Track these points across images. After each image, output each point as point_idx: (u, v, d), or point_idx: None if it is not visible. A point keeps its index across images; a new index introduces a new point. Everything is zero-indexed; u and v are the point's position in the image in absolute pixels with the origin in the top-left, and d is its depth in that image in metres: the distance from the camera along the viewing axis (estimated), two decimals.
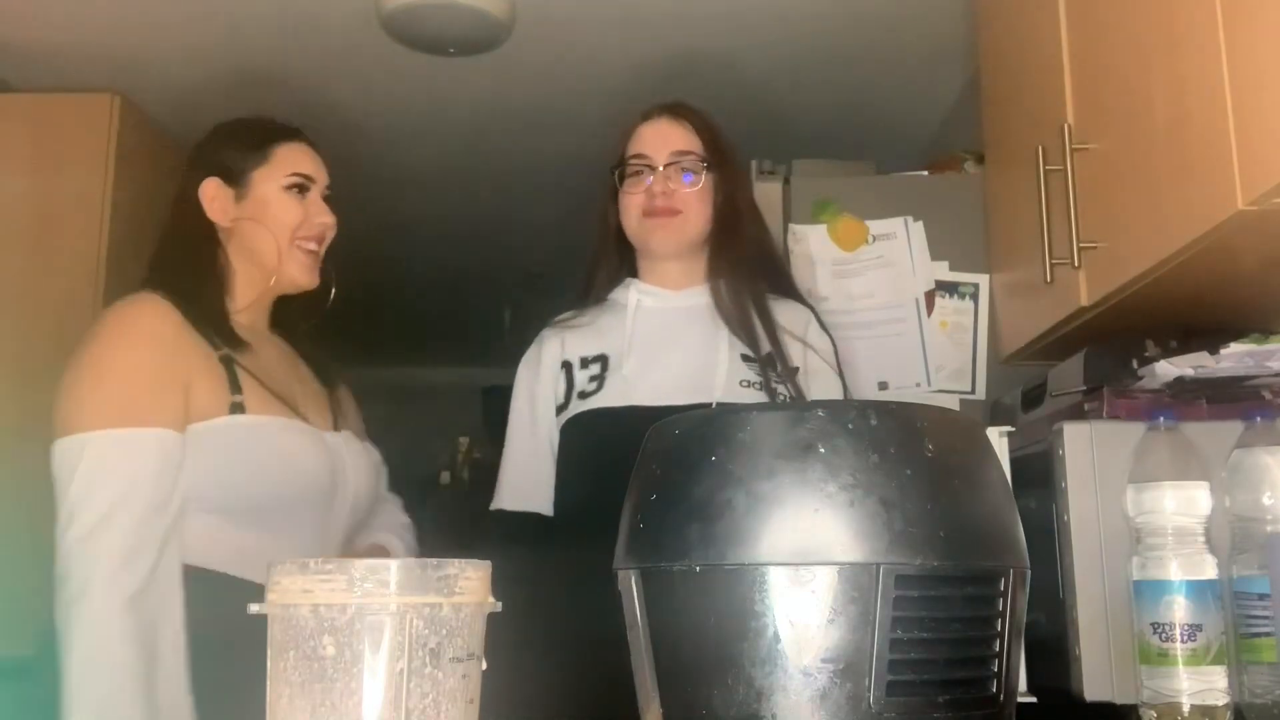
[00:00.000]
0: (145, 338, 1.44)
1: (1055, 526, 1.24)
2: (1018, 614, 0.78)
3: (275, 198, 1.56)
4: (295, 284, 1.59)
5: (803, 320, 1.69)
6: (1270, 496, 1.08)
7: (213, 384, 1.44)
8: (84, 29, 2.72)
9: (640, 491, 0.82)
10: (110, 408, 1.38)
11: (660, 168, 1.66)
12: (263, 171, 1.57)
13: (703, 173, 1.66)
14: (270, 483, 1.44)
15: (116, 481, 1.35)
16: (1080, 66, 1.49)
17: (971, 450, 0.80)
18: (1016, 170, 1.71)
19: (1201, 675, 1.05)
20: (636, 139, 1.70)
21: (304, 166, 1.59)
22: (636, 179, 1.67)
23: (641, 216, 1.66)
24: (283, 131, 1.62)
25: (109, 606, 1.30)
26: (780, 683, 0.71)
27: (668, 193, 1.65)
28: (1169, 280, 1.27)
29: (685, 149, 1.67)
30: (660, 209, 1.65)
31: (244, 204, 1.56)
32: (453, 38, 2.65)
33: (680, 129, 1.69)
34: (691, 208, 1.66)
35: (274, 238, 1.55)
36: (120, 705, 1.28)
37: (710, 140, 1.69)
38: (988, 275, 2.03)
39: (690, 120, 1.70)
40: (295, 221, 1.56)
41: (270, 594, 0.67)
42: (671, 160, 1.66)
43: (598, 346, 1.65)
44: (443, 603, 0.66)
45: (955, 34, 2.62)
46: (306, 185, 1.59)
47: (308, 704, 0.64)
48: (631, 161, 1.68)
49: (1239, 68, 1.04)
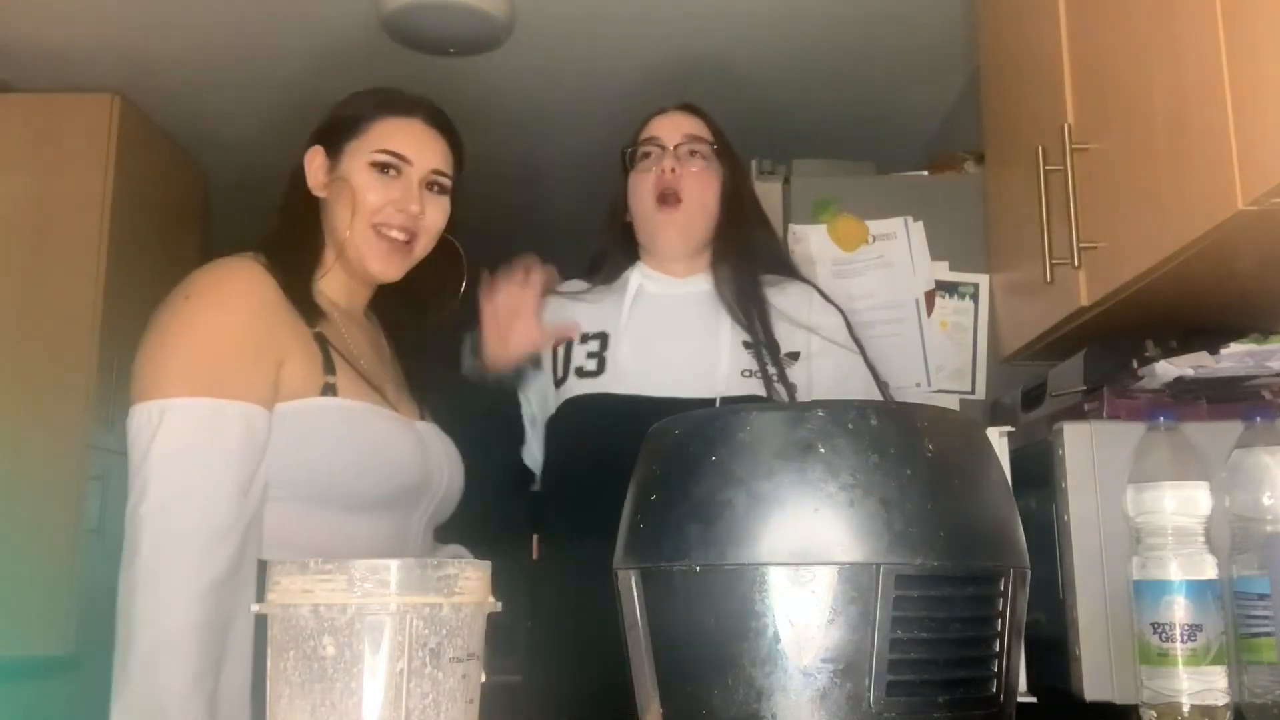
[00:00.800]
0: (240, 303, 1.33)
1: (1055, 526, 1.24)
2: (1018, 614, 0.78)
3: (358, 174, 1.42)
4: (368, 272, 1.44)
5: (805, 300, 1.69)
6: (1270, 496, 1.08)
7: (305, 361, 1.33)
8: (84, 29, 2.72)
9: (640, 491, 0.82)
10: (197, 375, 1.27)
11: (671, 148, 1.67)
12: (355, 144, 1.44)
13: (713, 158, 1.68)
14: (361, 472, 1.34)
15: (199, 455, 1.24)
16: (1080, 66, 1.49)
17: (971, 450, 0.81)
18: (1016, 170, 1.71)
19: (1201, 675, 1.05)
20: (649, 127, 1.72)
21: (400, 144, 1.44)
22: (647, 160, 1.69)
23: (654, 205, 1.66)
24: (397, 104, 1.47)
25: (185, 592, 1.19)
26: (780, 683, 0.71)
27: (679, 172, 1.65)
28: (1169, 280, 1.27)
29: (696, 134, 1.69)
30: (670, 192, 1.65)
31: (335, 176, 1.44)
32: (453, 38, 2.65)
33: (692, 119, 1.71)
34: (699, 192, 1.66)
35: (348, 216, 1.41)
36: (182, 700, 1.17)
37: (719, 133, 1.71)
38: (988, 275, 2.03)
39: (701, 115, 1.73)
40: (374, 204, 1.41)
41: (270, 594, 0.67)
42: (683, 142, 1.68)
43: (598, 323, 1.65)
44: (443, 603, 0.66)
45: (955, 34, 2.62)
46: (398, 166, 1.43)
47: (308, 704, 0.64)
48: (643, 144, 1.70)
49: (1239, 68, 1.04)
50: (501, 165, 3.55)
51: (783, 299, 1.67)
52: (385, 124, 1.44)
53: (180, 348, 1.29)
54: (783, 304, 1.66)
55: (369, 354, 1.46)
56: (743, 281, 1.65)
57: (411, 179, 1.43)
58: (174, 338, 1.30)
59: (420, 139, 1.46)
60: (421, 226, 1.45)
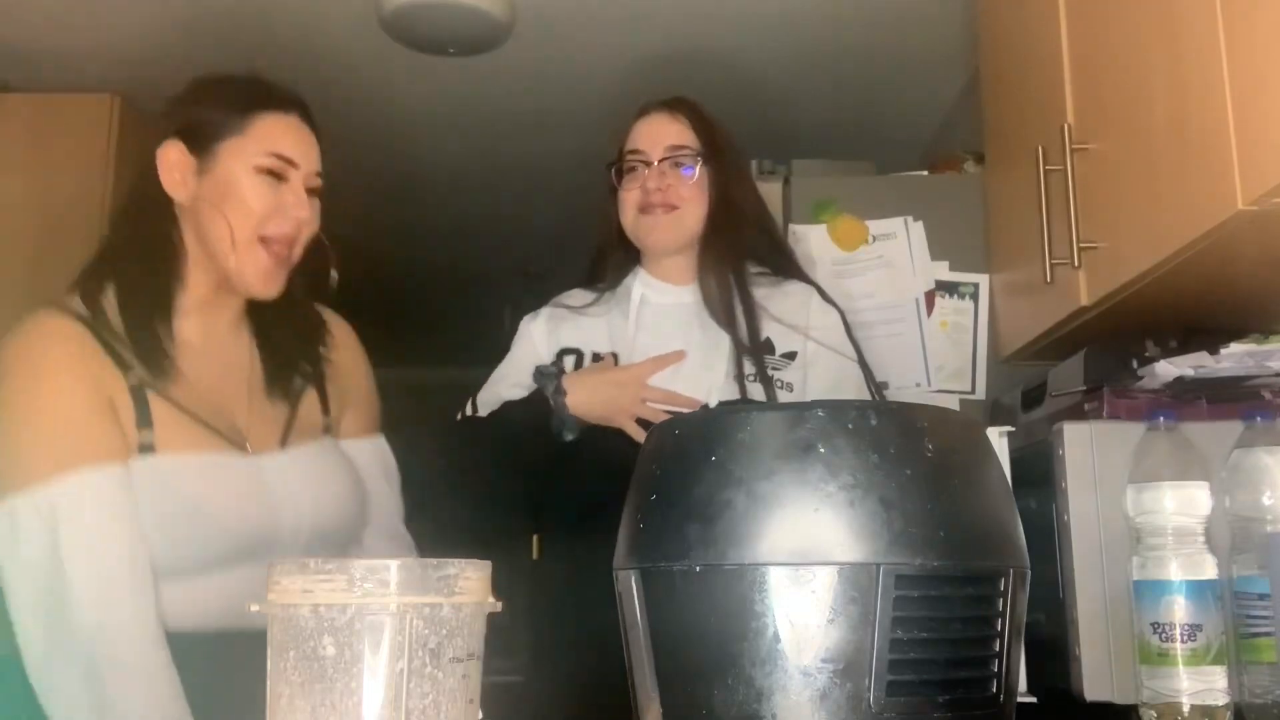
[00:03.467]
0: (62, 364, 1.22)
1: (1055, 526, 1.24)
2: (1018, 614, 0.78)
3: (242, 179, 1.28)
4: (250, 290, 1.31)
5: (802, 302, 1.68)
6: (1270, 496, 1.08)
7: (122, 419, 1.22)
8: (84, 29, 2.72)
9: (640, 491, 0.82)
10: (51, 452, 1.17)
11: (655, 163, 1.65)
12: (234, 144, 1.29)
13: (698, 167, 1.66)
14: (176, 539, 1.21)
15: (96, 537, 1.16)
16: (1080, 66, 1.49)
17: (971, 450, 0.81)
18: (1016, 170, 1.71)
19: (1201, 675, 1.05)
20: (633, 135, 1.70)
21: (286, 146, 1.30)
22: (633, 175, 1.67)
23: (638, 213, 1.66)
24: (272, 98, 1.33)
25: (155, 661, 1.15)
26: (780, 683, 0.71)
27: (663, 188, 1.64)
28: (1169, 280, 1.27)
29: (680, 144, 1.67)
30: (656, 204, 1.64)
31: (205, 180, 1.29)
32: (453, 38, 2.65)
33: (676, 124, 1.69)
34: (688, 201, 1.65)
35: (229, 229, 1.28)
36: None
37: (706, 134, 1.69)
38: (988, 275, 2.02)
39: (686, 115, 1.70)
40: (262, 212, 1.28)
41: (270, 594, 0.67)
42: (666, 155, 1.66)
43: (608, 343, 1.65)
44: (443, 603, 0.66)
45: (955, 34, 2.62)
46: (284, 171, 1.30)
47: (308, 704, 0.64)
48: (628, 158, 1.68)
49: (1239, 68, 1.04)
50: (501, 164, 3.55)
51: (780, 299, 1.67)
52: (266, 122, 1.31)
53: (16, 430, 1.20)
54: (779, 304, 1.66)
55: (228, 381, 1.33)
56: (726, 289, 1.64)
57: (298, 183, 1.31)
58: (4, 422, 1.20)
59: (302, 138, 1.34)
60: (303, 235, 1.34)
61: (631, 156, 1.68)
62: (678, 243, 1.67)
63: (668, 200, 1.64)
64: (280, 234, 1.30)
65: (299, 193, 1.31)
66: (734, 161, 1.73)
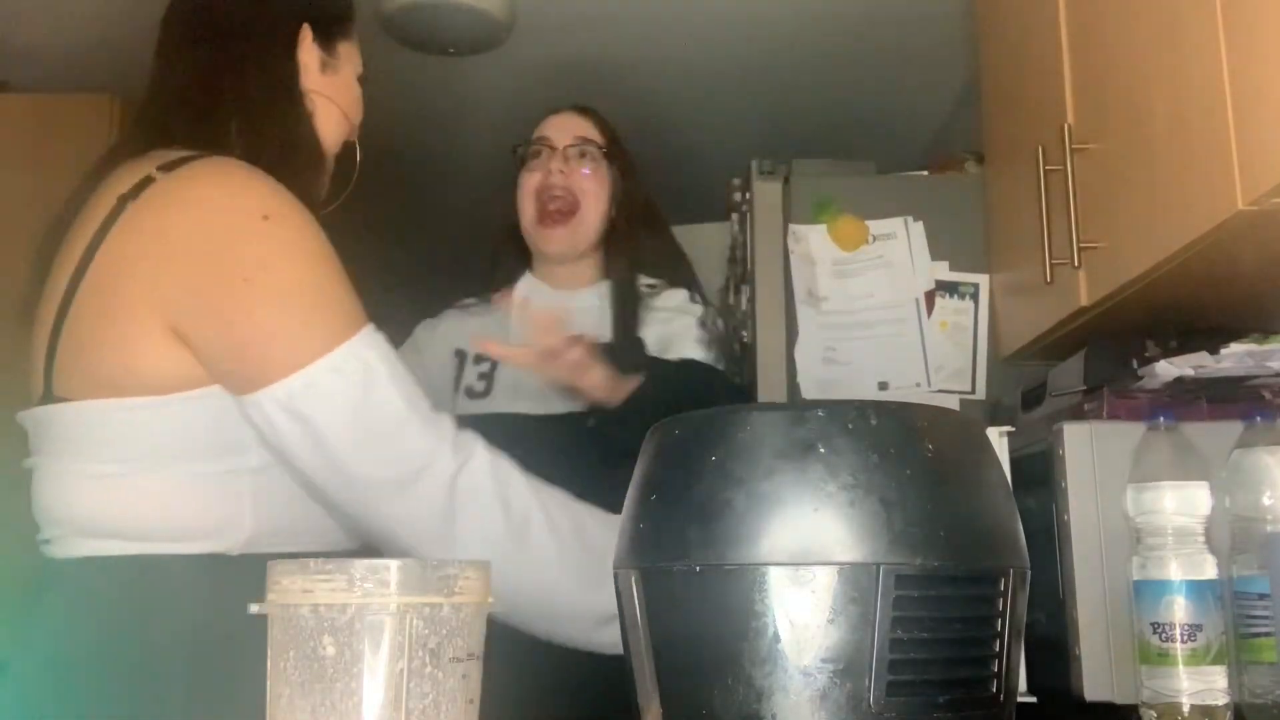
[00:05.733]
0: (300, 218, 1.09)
1: (1055, 526, 1.24)
2: (1018, 614, 0.78)
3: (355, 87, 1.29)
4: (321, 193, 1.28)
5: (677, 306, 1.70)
6: (1270, 496, 1.08)
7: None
8: (84, 29, 2.72)
9: (640, 491, 0.82)
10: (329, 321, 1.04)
11: (560, 148, 1.69)
12: (347, 47, 1.27)
13: (602, 161, 1.69)
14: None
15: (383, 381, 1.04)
16: (1080, 66, 1.49)
17: (971, 450, 0.80)
18: (1016, 170, 1.71)
19: (1201, 675, 1.05)
20: (541, 127, 1.74)
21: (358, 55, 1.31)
22: (536, 160, 1.70)
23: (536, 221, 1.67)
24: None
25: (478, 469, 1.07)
26: (780, 683, 0.71)
27: (566, 173, 1.67)
28: (1169, 280, 1.27)
29: (586, 136, 1.71)
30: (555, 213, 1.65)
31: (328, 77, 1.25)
32: (453, 38, 2.65)
33: (584, 121, 1.74)
34: (588, 195, 1.68)
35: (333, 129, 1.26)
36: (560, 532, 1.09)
37: (609, 134, 1.73)
38: (988, 275, 2.02)
39: (593, 117, 1.75)
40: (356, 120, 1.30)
41: (270, 594, 0.67)
42: (573, 143, 1.69)
43: None
44: (443, 603, 0.66)
45: (955, 34, 2.62)
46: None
47: (308, 704, 0.64)
48: (533, 144, 1.72)
49: (1239, 68, 1.04)
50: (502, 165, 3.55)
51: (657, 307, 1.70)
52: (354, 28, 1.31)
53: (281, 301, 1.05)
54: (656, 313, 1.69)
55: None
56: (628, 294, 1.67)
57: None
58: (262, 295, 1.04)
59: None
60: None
61: (537, 143, 1.72)
62: (576, 250, 1.70)
63: (569, 186, 1.66)
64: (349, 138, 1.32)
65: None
66: (634, 169, 1.76)
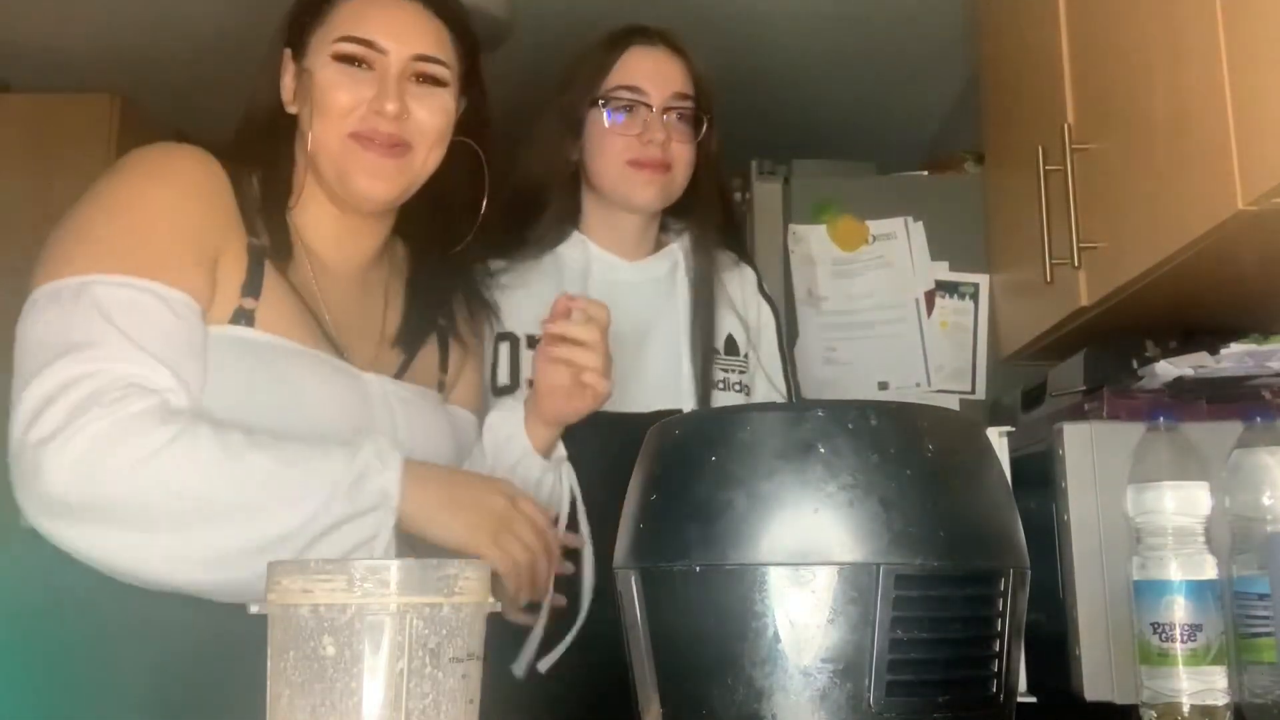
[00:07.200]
0: (180, 180, 1.07)
1: (1055, 526, 1.24)
2: (1018, 614, 0.78)
3: (318, 71, 1.11)
4: (358, 193, 1.13)
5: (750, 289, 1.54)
6: (1270, 496, 1.08)
7: (229, 273, 1.06)
8: (84, 29, 2.72)
9: (640, 491, 0.82)
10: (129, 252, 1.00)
11: (657, 110, 1.40)
12: (319, 35, 1.13)
13: (693, 122, 1.44)
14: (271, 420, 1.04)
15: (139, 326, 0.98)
16: (1080, 66, 1.49)
17: (971, 450, 0.80)
18: (1016, 170, 1.71)
19: (1201, 675, 1.05)
20: (627, 68, 1.43)
21: (368, 28, 1.11)
22: (631, 117, 1.41)
23: (626, 165, 1.40)
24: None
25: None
26: (780, 683, 0.71)
27: (664, 140, 1.39)
28: (1169, 280, 1.27)
29: (685, 92, 1.42)
30: (652, 162, 1.39)
31: (302, 80, 1.14)
32: None
33: (679, 67, 1.44)
34: (681, 163, 1.43)
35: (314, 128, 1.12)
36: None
37: (702, 85, 1.46)
38: (988, 275, 2.03)
39: (685, 61, 1.46)
40: (343, 106, 1.10)
41: (270, 594, 0.67)
42: (672, 105, 1.41)
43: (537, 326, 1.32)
44: (443, 603, 0.66)
45: (955, 34, 2.62)
46: (366, 57, 1.11)
47: (308, 704, 0.64)
48: (622, 93, 1.41)
49: (1239, 68, 1.04)
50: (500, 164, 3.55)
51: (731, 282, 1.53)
52: (353, 5, 1.14)
53: (105, 221, 1.03)
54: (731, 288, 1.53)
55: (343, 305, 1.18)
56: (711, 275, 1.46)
57: (389, 71, 1.12)
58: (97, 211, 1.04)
59: (398, 18, 1.13)
60: (411, 131, 1.13)
61: (628, 94, 1.41)
62: (666, 202, 1.44)
63: (666, 158, 1.40)
64: (370, 130, 1.11)
65: (388, 82, 1.11)
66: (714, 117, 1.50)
